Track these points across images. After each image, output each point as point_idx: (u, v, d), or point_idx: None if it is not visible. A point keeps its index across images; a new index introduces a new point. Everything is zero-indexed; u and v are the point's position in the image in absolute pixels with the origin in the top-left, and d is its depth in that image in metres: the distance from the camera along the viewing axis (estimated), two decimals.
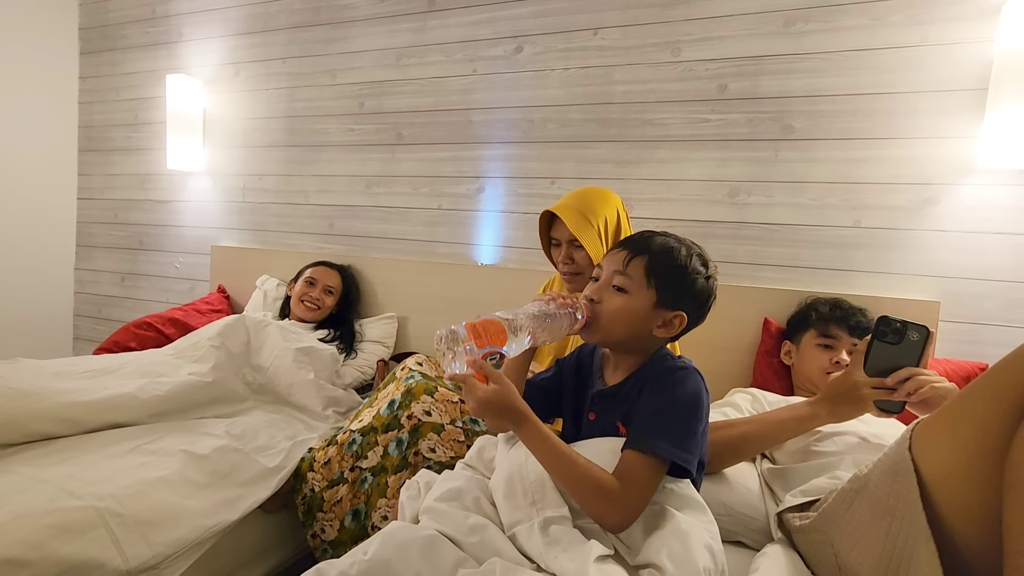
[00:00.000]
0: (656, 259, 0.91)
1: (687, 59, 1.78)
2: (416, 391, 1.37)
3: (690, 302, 0.91)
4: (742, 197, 1.73)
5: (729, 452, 1.07)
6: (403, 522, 0.89)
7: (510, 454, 0.91)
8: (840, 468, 0.98)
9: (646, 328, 0.91)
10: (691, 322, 0.92)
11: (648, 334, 0.91)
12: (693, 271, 0.91)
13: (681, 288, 0.91)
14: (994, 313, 1.51)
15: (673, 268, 0.91)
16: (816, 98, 1.64)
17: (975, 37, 1.49)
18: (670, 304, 0.91)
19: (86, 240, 2.90)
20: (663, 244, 0.93)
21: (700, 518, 0.81)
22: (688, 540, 0.75)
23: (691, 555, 0.74)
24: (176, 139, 2.48)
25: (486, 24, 2.04)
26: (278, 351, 1.71)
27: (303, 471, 1.39)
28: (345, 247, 2.30)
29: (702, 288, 0.92)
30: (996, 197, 1.50)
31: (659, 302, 0.90)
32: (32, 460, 1.16)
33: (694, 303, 0.92)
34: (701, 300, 0.92)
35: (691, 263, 0.91)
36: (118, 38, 2.76)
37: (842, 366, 1.33)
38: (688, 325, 0.92)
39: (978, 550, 0.67)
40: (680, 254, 0.92)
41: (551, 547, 0.76)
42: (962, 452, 0.68)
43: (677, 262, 0.91)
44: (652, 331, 0.91)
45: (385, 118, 2.21)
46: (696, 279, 0.91)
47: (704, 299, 0.93)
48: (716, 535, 0.80)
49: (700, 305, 0.93)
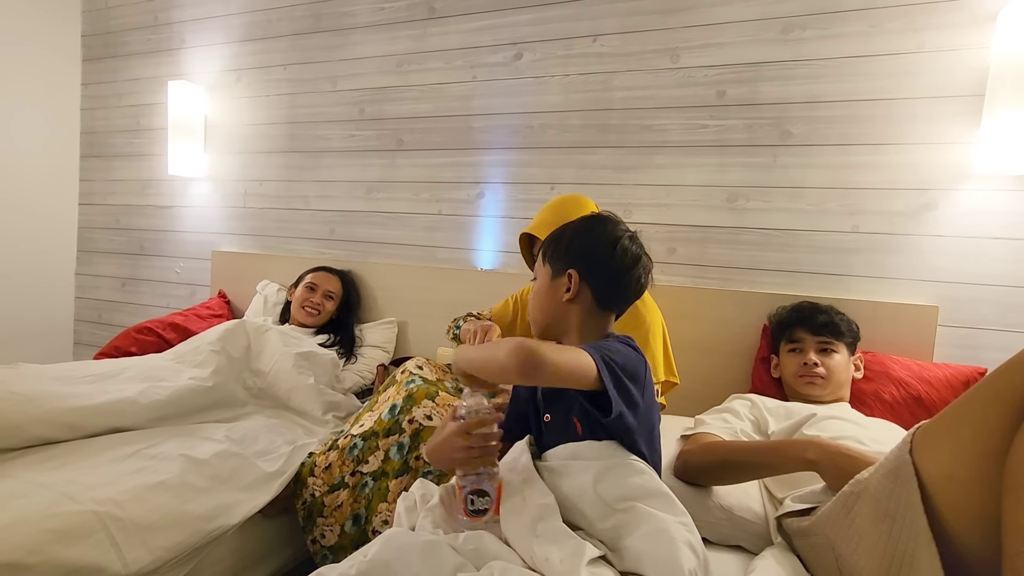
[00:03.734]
0: (547, 239, 0.99)
1: (686, 65, 1.79)
2: (417, 396, 1.37)
3: (578, 260, 0.95)
4: (741, 202, 1.74)
5: (730, 472, 1.07)
6: (403, 528, 0.89)
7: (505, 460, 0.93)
8: None
9: (555, 300, 0.95)
10: (595, 279, 0.93)
11: (561, 304, 0.95)
12: (573, 232, 0.97)
13: (566, 249, 0.96)
14: (992, 318, 1.51)
15: (557, 237, 0.98)
16: (814, 104, 1.65)
17: (972, 44, 1.50)
18: (561, 269, 0.95)
19: (87, 245, 2.91)
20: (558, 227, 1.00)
21: (673, 511, 0.80)
22: (672, 542, 0.75)
23: (676, 557, 0.73)
24: (177, 145, 2.49)
25: (486, 31, 2.05)
26: (278, 356, 1.72)
27: (303, 476, 1.39)
28: (345, 252, 2.31)
29: (584, 242, 0.95)
30: (994, 202, 1.50)
31: (554, 272, 0.96)
32: (32, 464, 1.16)
33: (585, 259, 0.94)
34: (589, 253, 0.94)
35: (574, 227, 0.97)
36: (120, 45, 2.78)
37: (810, 367, 1.33)
38: (595, 282, 0.93)
39: (979, 553, 0.67)
40: (567, 227, 0.98)
41: (543, 546, 0.76)
42: (963, 456, 0.68)
43: (560, 232, 0.98)
44: (561, 300, 0.94)
45: (385, 124, 2.22)
46: (576, 237, 0.96)
47: (592, 250, 0.94)
48: (692, 527, 0.80)
49: (591, 259, 0.94)
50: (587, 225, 0.98)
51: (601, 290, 0.94)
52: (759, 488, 1.11)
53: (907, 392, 1.38)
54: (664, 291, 1.54)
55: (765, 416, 1.25)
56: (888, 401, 1.39)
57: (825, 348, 1.37)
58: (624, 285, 0.94)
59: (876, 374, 1.43)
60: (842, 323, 1.41)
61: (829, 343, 1.37)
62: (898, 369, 1.43)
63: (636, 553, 0.76)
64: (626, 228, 0.97)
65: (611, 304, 0.96)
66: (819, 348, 1.37)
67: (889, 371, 1.43)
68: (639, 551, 0.75)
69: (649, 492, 0.81)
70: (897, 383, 1.40)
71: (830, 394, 1.34)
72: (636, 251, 0.95)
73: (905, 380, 1.40)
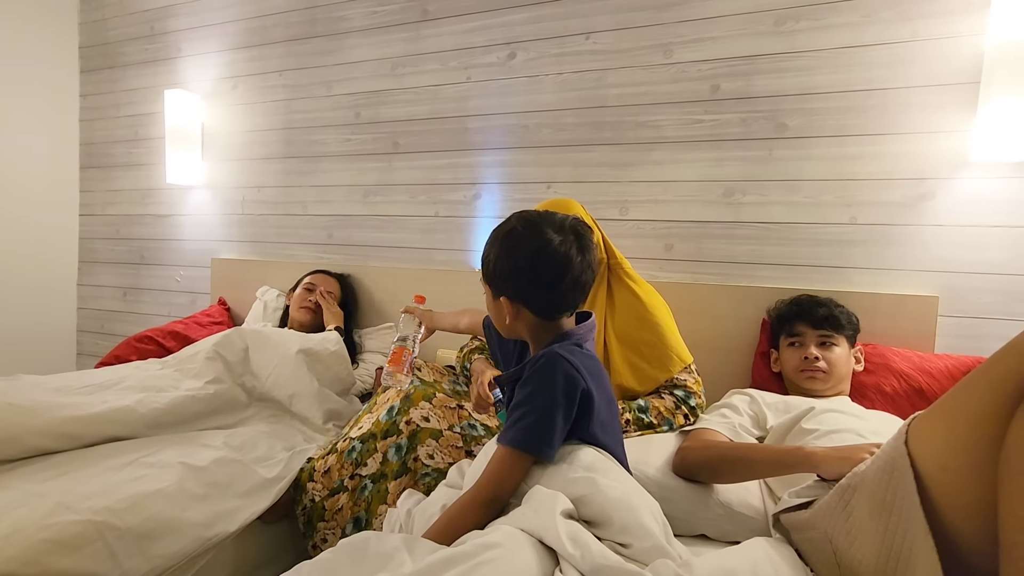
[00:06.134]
0: (482, 258, 0.98)
1: (679, 60, 1.78)
2: (415, 397, 1.37)
3: (505, 286, 0.94)
4: (737, 196, 1.73)
5: (728, 470, 1.07)
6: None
7: (475, 464, 0.98)
8: None
9: (502, 318, 0.97)
10: (527, 299, 0.94)
11: (508, 322, 0.96)
12: (496, 256, 0.94)
13: (493, 275, 0.95)
14: (993, 307, 1.49)
15: (484, 260, 0.97)
16: (809, 96, 1.64)
17: (965, 31, 1.49)
18: (495, 294, 0.96)
19: (88, 256, 2.92)
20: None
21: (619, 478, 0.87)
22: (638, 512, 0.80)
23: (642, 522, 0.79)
24: (175, 153, 2.49)
25: (479, 32, 2.05)
26: (277, 359, 1.70)
27: (303, 481, 1.39)
28: (344, 256, 2.31)
29: (506, 267, 0.93)
30: (992, 190, 1.49)
31: (492, 295, 0.97)
32: (30, 475, 1.16)
33: (511, 283, 0.93)
34: (513, 276, 0.93)
35: (496, 250, 0.94)
36: (117, 55, 2.79)
37: (811, 361, 1.31)
38: (528, 302, 0.94)
39: (976, 544, 0.66)
40: (490, 248, 0.96)
41: (519, 508, 0.82)
42: (958, 446, 0.67)
43: (485, 253, 0.96)
44: (506, 320, 0.96)
45: (381, 127, 2.22)
46: (498, 262, 0.94)
47: (515, 273, 0.92)
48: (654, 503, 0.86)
49: (517, 281, 0.93)
50: (508, 245, 0.93)
51: (538, 306, 0.94)
52: (759, 483, 1.11)
53: (908, 384, 1.37)
54: (662, 287, 1.53)
55: (764, 411, 1.24)
56: (889, 393, 1.37)
57: (825, 341, 1.36)
58: (558, 297, 0.93)
59: (877, 366, 1.42)
60: (842, 316, 1.39)
61: (829, 336, 1.36)
62: (899, 361, 1.42)
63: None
64: (550, 231, 0.91)
65: (553, 313, 0.95)
66: (819, 342, 1.36)
67: (890, 363, 1.42)
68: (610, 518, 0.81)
69: (601, 470, 0.87)
70: (898, 375, 1.39)
71: (831, 388, 1.33)
72: (561, 259, 0.90)
73: (906, 372, 1.39)
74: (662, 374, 1.37)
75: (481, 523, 0.85)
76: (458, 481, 1.05)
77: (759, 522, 1.01)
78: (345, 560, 0.76)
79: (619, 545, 0.78)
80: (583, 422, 0.90)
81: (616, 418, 1.00)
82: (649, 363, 1.37)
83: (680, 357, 1.38)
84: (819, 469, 0.89)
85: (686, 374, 1.39)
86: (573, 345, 0.93)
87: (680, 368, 1.38)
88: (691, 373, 1.40)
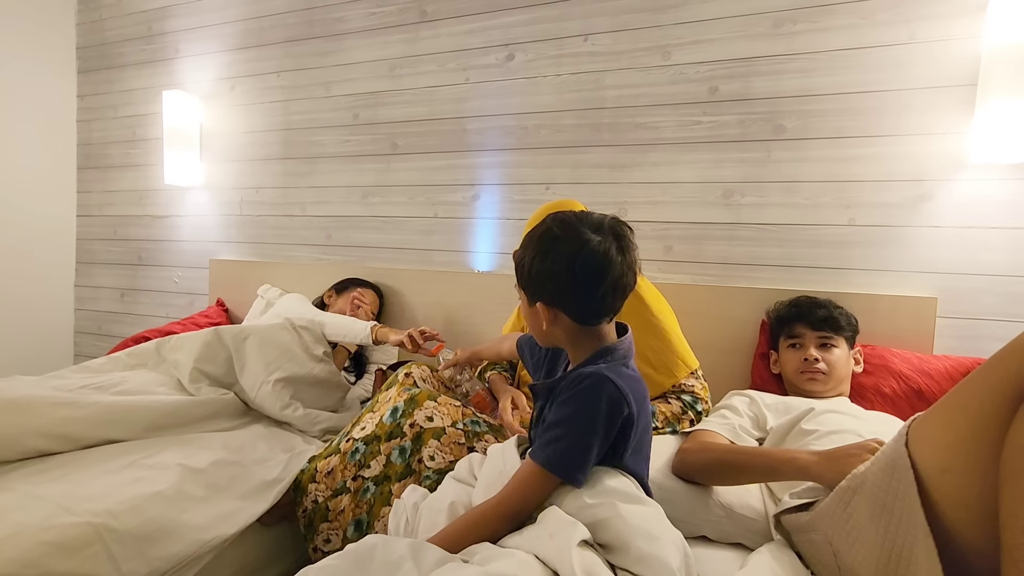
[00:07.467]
0: (515, 264, 0.95)
1: (678, 62, 1.78)
2: (419, 398, 1.36)
3: (541, 290, 0.90)
4: (736, 198, 1.73)
5: (726, 474, 1.07)
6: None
7: (487, 466, 0.97)
8: None
9: (539, 325, 0.93)
10: (564, 304, 0.89)
11: (545, 329, 0.92)
12: (531, 259, 0.89)
13: (528, 279, 0.91)
14: (992, 308, 1.50)
15: (519, 264, 0.93)
16: (807, 98, 1.65)
17: (962, 33, 1.50)
18: (531, 300, 0.93)
19: (86, 257, 2.91)
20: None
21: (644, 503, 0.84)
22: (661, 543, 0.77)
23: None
24: (173, 154, 2.49)
25: (478, 33, 2.05)
26: (259, 383, 1.62)
27: (304, 483, 1.38)
28: (343, 257, 2.30)
29: (542, 271, 0.88)
30: (990, 192, 1.49)
31: (528, 301, 0.93)
32: (28, 477, 1.15)
33: (547, 288, 0.89)
34: (550, 280, 0.88)
35: (531, 252, 0.90)
36: (115, 56, 2.79)
37: (811, 362, 1.32)
38: (565, 307, 0.89)
39: (977, 545, 0.66)
40: (525, 251, 0.91)
41: (534, 528, 0.79)
42: (959, 447, 0.67)
43: (520, 257, 0.92)
44: (543, 327, 0.92)
45: (380, 128, 2.22)
46: (534, 265, 0.89)
47: (551, 277, 0.87)
48: (677, 534, 0.83)
49: (554, 286, 0.88)
50: (543, 247, 0.88)
51: (575, 312, 0.89)
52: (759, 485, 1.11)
53: (907, 385, 1.37)
54: (662, 289, 1.53)
55: (764, 412, 1.24)
56: (888, 395, 1.38)
57: (825, 343, 1.36)
58: (597, 301, 0.87)
59: (876, 368, 1.42)
60: (841, 317, 1.40)
61: (829, 338, 1.36)
62: (898, 362, 1.42)
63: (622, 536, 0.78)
64: (587, 232, 0.87)
65: (593, 319, 0.90)
66: (819, 343, 1.36)
67: (889, 364, 1.42)
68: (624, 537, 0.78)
69: (623, 495, 0.84)
70: (897, 376, 1.39)
71: (831, 389, 1.33)
72: (600, 260, 0.85)
73: (905, 373, 1.39)
74: (668, 380, 1.36)
75: (498, 535, 0.83)
76: (468, 477, 1.03)
77: (760, 524, 1.01)
78: (350, 568, 0.75)
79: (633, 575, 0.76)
80: (618, 449, 0.87)
81: (650, 441, 0.96)
82: (655, 369, 1.36)
83: (686, 362, 1.38)
84: (815, 481, 0.89)
85: (693, 379, 1.38)
86: (620, 366, 0.89)
87: (686, 373, 1.37)
88: (698, 379, 1.39)
